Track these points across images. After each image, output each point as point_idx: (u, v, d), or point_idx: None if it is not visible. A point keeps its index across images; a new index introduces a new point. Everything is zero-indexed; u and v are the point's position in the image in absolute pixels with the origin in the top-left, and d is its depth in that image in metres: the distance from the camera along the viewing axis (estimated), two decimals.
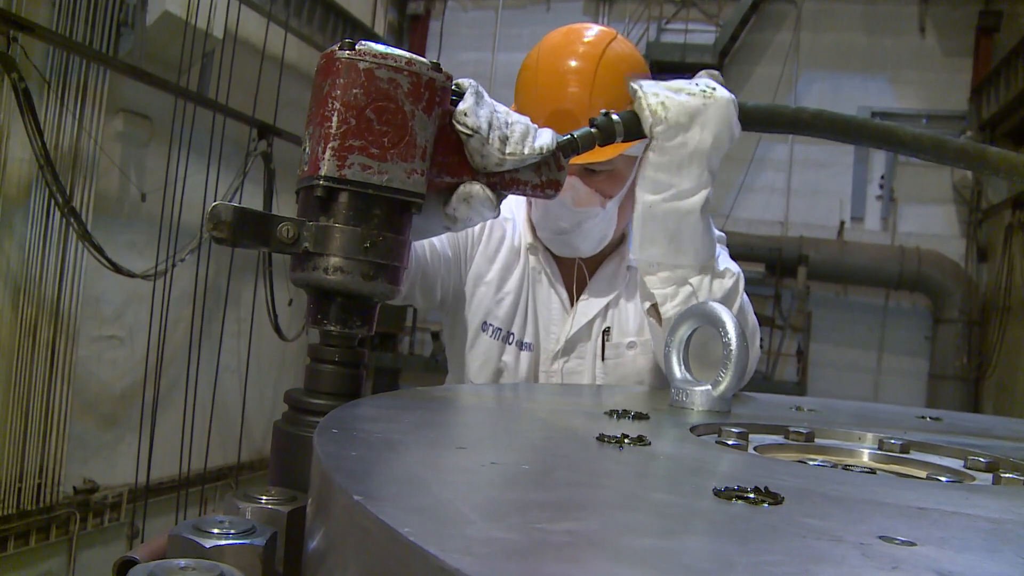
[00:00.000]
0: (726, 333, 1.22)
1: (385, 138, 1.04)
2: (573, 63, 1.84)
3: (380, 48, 1.06)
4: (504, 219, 2.08)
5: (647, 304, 1.57)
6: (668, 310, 1.51)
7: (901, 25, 11.46)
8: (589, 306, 2.04)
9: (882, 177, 11.58)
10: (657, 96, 1.40)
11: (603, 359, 2.02)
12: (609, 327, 2.04)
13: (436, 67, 1.09)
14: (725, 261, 1.62)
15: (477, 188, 1.16)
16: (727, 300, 1.55)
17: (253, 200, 8.47)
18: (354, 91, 1.03)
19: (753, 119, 1.48)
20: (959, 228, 11.29)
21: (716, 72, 1.49)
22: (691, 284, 1.51)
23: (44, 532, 6.71)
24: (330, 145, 1.02)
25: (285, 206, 9.18)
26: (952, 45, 11.28)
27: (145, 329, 6.94)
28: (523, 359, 2.04)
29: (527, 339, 2.05)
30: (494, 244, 2.06)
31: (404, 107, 1.06)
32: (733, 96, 1.45)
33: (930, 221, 11.39)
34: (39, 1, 6.35)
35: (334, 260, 1.03)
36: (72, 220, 6.38)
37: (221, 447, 8.25)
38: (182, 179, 6.90)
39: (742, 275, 1.64)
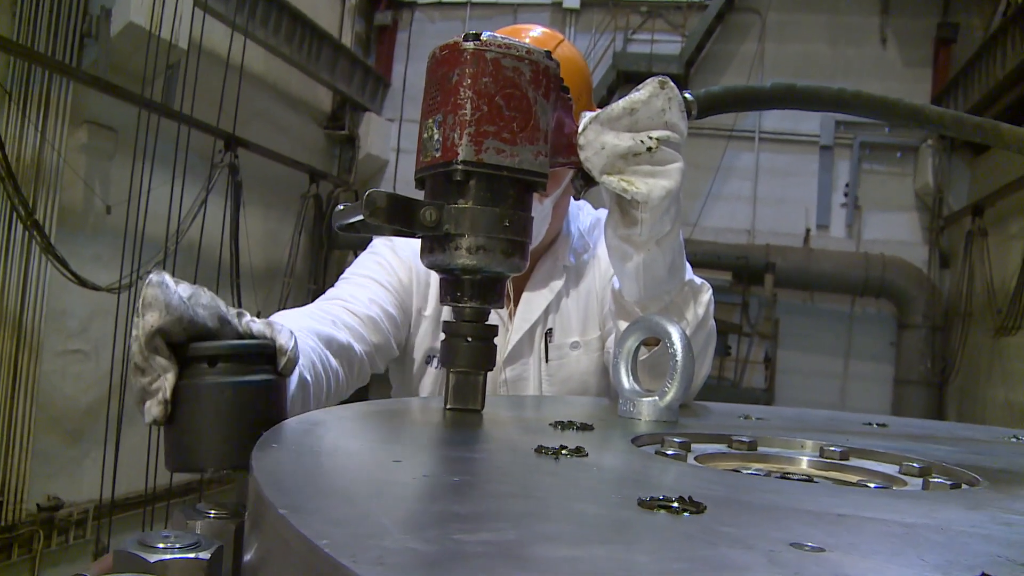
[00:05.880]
0: (672, 344, 1.24)
1: (514, 123, 1.11)
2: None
3: (502, 39, 1.14)
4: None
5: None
6: None
7: (863, 36, 11.67)
8: (530, 311, 2.03)
9: (847, 185, 11.76)
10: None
11: (547, 360, 2.03)
12: (551, 328, 2.04)
13: (549, 55, 1.17)
14: (689, 272, 1.61)
15: None
16: (709, 312, 1.57)
17: (218, 211, 8.41)
18: (484, 80, 1.10)
19: (779, 99, 1.55)
20: (922, 235, 11.49)
21: (664, 79, 1.36)
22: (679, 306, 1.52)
23: (6, 551, 6.58)
24: (467, 131, 1.08)
25: (252, 218, 9.13)
26: (912, 56, 11.51)
27: (110, 343, 6.87)
28: None
29: None
30: (423, 278, 2.00)
31: (528, 93, 1.13)
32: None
33: (894, 228, 11.58)
34: None
35: (475, 240, 1.10)
36: (35, 233, 6.30)
37: None
38: (147, 191, 6.85)
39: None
